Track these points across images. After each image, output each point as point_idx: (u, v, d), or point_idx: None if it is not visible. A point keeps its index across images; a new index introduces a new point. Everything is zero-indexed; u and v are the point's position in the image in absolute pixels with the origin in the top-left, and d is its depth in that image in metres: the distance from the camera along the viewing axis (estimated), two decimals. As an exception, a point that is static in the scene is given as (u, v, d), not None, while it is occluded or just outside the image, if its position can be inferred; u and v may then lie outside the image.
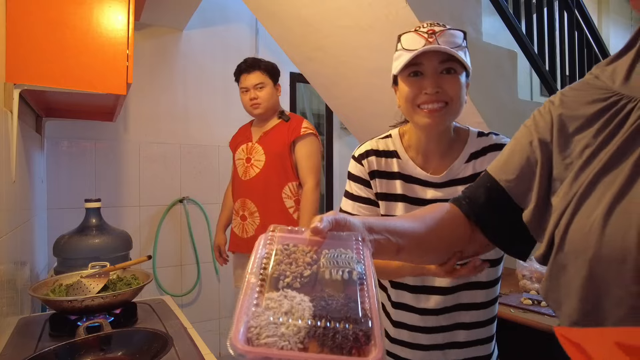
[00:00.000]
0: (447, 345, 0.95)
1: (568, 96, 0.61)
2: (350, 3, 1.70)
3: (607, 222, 0.48)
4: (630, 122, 0.52)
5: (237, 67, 2.04)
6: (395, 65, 0.88)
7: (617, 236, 0.47)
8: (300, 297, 0.40)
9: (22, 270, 1.37)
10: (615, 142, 0.52)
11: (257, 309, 0.38)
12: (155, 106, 2.50)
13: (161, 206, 2.51)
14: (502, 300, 1.56)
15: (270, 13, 2.04)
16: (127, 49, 1.34)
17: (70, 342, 0.96)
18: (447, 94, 0.85)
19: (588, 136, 0.56)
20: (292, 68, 2.75)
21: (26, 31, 1.22)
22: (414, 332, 0.96)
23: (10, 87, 1.20)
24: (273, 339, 0.36)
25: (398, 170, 0.95)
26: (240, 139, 2.11)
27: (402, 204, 0.93)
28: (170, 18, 2.44)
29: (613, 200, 0.49)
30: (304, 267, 0.43)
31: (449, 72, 0.86)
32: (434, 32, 0.83)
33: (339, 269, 0.43)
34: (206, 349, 1.06)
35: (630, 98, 0.53)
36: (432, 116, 0.85)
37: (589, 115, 0.56)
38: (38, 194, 1.85)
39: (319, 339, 0.36)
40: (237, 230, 2.04)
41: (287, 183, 1.98)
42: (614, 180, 0.50)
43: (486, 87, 1.79)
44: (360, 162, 0.97)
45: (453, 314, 0.93)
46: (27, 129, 1.54)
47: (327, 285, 0.42)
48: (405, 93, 0.88)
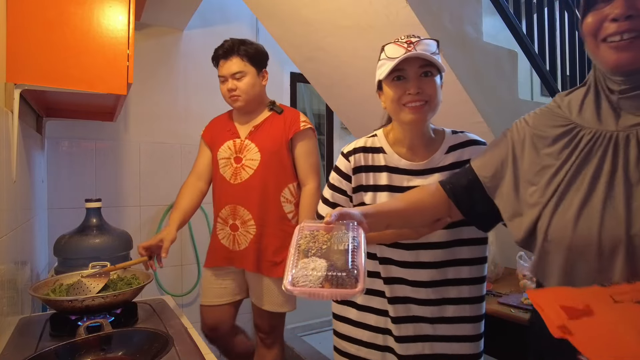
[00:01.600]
0: (437, 319, 1.07)
1: (537, 119, 0.81)
2: (350, 3, 1.70)
3: (577, 221, 0.68)
4: (582, 146, 0.71)
5: (214, 52, 1.75)
6: (380, 72, 1.03)
7: (584, 231, 0.67)
8: (320, 261, 0.69)
9: (22, 270, 1.37)
10: (573, 160, 0.71)
11: (296, 268, 0.69)
12: (155, 106, 2.50)
13: (161, 206, 2.51)
14: (503, 300, 1.55)
15: (271, 13, 2.04)
16: (128, 49, 1.34)
17: (71, 342, 0.96)
18: (427, 94, 1.00)
19: (553, 153, 0.74)
20: (293, 68, 2.75)
21: (27, 31, 1.22)
22: (407, 304, 1.08)
23: (10, 87, 1.21)
24: (305, 282, 0.66)
25: (385, 163, 1.10)
26: (221, 133, 1.79)
27: (386, 193, 1.08)
28: (171, 18, 2.43)
29: (580, 206, 0.68)
30: (322, 244, 0.73)
31: (427, 75, 1.01)
32: (412, 42, 0.99)
33: (342, 243, 0.72)
34: (206, 349, 1.06)
35: (582, 127, 0.72)
36: (415, 112, 1.01)
37: (554, 136, 0.75)
38: (38, 193, 1.85)
39: (330, 282, 0.66)
40: (226, 242, 1.75)
41: (287, 185, 1.73)
42: (578, 189, 0.69)
43: (486, 87, 1.79)
44: (347, 159, 1.13)
45: (441, 288, 1.07)
46: (27, 129, 1.54)
47: (335, 253, 0.70)
48: (391, 95, 1.03)
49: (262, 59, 1.76)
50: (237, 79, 1.69)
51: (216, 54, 1.74)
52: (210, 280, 1.79)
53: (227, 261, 1.75)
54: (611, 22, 0.63)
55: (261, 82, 1.76)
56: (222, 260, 1.76)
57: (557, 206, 0.71)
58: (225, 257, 1.75)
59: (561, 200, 0.71)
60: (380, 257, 1.12)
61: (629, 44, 0.62)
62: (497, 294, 1.64)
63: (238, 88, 1.69)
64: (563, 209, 0.70)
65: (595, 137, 0.69)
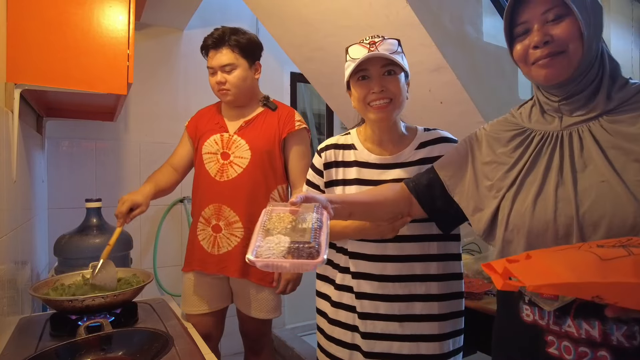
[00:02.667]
0: (404, 317, 1.07)
1: (494, 126, 0.93)
2: (350, 3, 1.69)
3: (534, 207, 0.77)
4: (533, 145, 0.82)
5: (203, 41, 1.62)
6: (346, 73, 1.07)
7: (541, 215, 0.76)
8: (285, 238, 0.72)
9: (22, 270, 1.37)
10: (527, 157, 0.82)
11: (261, 243, 0.71)
12: (156, 106, 2.50)
13: (162, 206, 2.51)
14: (503, 300, 1.56)
15: (271, 13, 2.04)
16: (128, 49, 1.34)
17: (71, 342, 0.96)
18: (391, 91, 1.04)
19: (507, 151, 0.86)
20: (293, 68, 2.75)
21: (27, 31, 1.22)
22: (374, 300, 1.08)
23: (11, 87, 1.21)
24: (268, 254, 0.69)
25: (355, 159, 1.15)
26: (207, 126, 1.66)
27: (355, 187, 1.12)
28: (171, 18, 2.43)
29: (535, 195, 0.78)
30: (287, 224, 0.76)
31: (390, 74, 1.05)
32: (374, 42, 1.03)
33: (306, 222, 0.76)
34: (206, 349, 1.06)
35: (532, 130, 0.84)
36: (380, 111, 1.05)
37: (508, 138, 0.87)
38: (39, 193, 1.85)
39: (293, 254, 0.68)
40: (205, 244, 1.61)
41: (276, 187, 1.62)
42: (533, 182, 0.79)
43: (487, 87, 1.79)
44: (320, 155, 1.20)
45: (409, 284, 1.08)
46: (27, 129, 1.54)
47: (299, 231, 0.74)
48: (357, 94, 1.08)
49: (255, 50, 1.62)
50: (227, 71, 1.56)
51: (205, 43, 1.61)
52: (191, 286, 1.65)
53: (202, 265, 1.61)
54: (534, 49, 0.78)
55: (253, 76, 1.63)
56: (198, 264, 1.62)
57: (515, 197, 0.81)
58: (201, 260, 1.61)
59: (519, 192, 0.81)
60: (350, 252, 1.13)
61: (550, 62, 0.77)
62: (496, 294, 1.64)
63: (228, 81, 1.56)
64: (521, 199, 0.80)
65: (544, 137, 0.82)
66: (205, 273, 1.63)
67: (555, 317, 0.75)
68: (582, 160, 0.75)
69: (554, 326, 0.75)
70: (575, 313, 0.73)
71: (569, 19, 0.75)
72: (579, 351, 0.72)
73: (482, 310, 1.51)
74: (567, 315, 0.74)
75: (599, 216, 0.70)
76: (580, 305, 0.72)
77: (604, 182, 0.71)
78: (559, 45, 0.76)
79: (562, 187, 0.76)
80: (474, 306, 1.53)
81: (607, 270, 0.55)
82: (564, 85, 0.79)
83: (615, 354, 0.69)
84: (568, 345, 0.74)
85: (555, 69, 0.77)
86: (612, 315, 0.63)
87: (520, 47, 0.81)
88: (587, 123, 0.77)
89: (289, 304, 2.86)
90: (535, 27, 0.78)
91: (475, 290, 1.60)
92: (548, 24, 0.77)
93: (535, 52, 0.78)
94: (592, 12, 0.76)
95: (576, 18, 0.74)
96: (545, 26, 0.77)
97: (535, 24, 0.78)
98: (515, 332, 0.83)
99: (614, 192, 0.70)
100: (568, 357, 0.73)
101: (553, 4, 0.76)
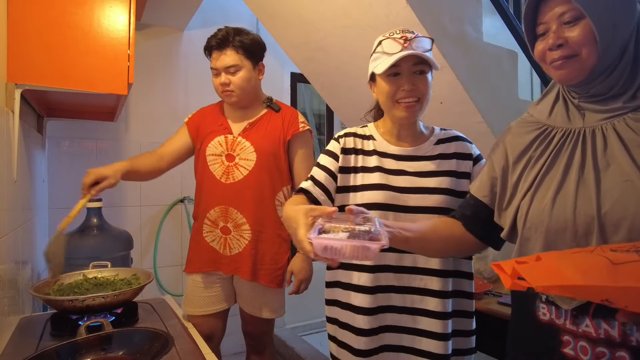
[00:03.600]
0: (418, 311, 1.09)
1: (514, 129, 0.92)
2: (350, 3, 1.70)
3: (553, 205, 0.76)
4: (554, 142, 0.82)
5: (207, 42, 1.60)
6: (375, 65, 1.06)
7: (560, 214, 0.75)
8: (344, 234, 0.72)
9: (23, 270, 1.37)
10: (547, 155, 0.82)
11: (320, 235, 0.72)
12: (156, 106, 2.51)
13: (162, 206, 2.51)
14: (502, 300, 1.56)
15: (271, 13, 2.04)
16: (128, 49, 1.34)
17: (72, 342, 0.96)
18: (420, 91, 1.05)
19: (529, 151, 0.85)
20: (293, 68, 2.75)
21: (28, 31, 1.22)
22: (391, 292, 1.10)
23: (11, 87, 1.21)
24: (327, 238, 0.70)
25: (374, 148, 1.15)
26: (211, 127, 1.65)
27: (378, 174, 1.11)
28: (171, 18, 2.44)
29: (555, 192, 0.77)
30: (344, 228, 0.74)
31: (421, 73, 1.06)
32: (407, 38, 1.03)
33: (363, 227, 0.75)
34: (207, 349, 1.06)
35: (553, 127, 0.84)
36: (408, 110, 1.06)
37: (529, 140, 0.86)
38: (39, 193, 1.85)
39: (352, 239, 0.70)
40: (216, 245, 1.61)
41: (281, 188, 1.62)
42: (553, 178, 0.79)
43: (487, 87, 1.79)
44: (338, 140, 1.18)
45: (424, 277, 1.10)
46: (28, 129, 1.54)
47: (357, 233, 0.73)
48: (386, 90, 1.07)
49: (259, 51, 1.62)
50: (232, 73, 1.55)
51: (209, 44, 1.59)
52: (197, 287, 1.65)
53: (215, 265, 1.61)
54: (549, 51, 0.79)
55: (257, 77, 1.63)
56: (210, 264, 1.62)
57: (534, 194, 0.80)
58: (214, 261, 1.61)
59: (537, 190, 0.80)
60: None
61: (564, 64, 0.77)
62: (497, 294, 1.64)
63: (232, 83, 1.56)
64: (540, 196, 0.79)
65: (565, 134, 0.81)
66: (211, 274, 1.63)
67: (572, 317, 0.74)
68: (605, 159, 0.74)
69: (571, 326, 0.74)
70: (594, 313, 0.71)
71: (584, 22, 0.74)
72: (597, 351, 0.71)
73: (483, 310, 1.51)
74: (585, 314, 0.72)
75: (620, 216, 0.69)
76: (600, 304, 0.69)
77: (627, 181, 0.70)
78: (571, 49, 0.75)
79: (583, 185, 0.74)
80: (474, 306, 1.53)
81: (618, 275, 0.54)
82: (583, 85, 0.78)
83: (634, 355, 0.68)
84: (585, 345, 0.72)
85: (568, 72, 0.77)
86: (623, 320, 0.62)
87: (540, 47, 0.80)
88: (612, 121, 0.76)
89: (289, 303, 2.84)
90: (552, 28, 0.77)
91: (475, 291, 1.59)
92: (564, 26, 0.76)
93: (552, 53, 0.78)
94: (616, 11, 0.74)
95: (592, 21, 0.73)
96: (561, 28, 0.76)
97: (552, 25, 0.77)
98: (530, 331, 0.82)
99: (637, 192, 0.68)
100: (584, 358, 0.72)
101: (570, 6, 0.75)
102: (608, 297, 0.55)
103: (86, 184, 1.39)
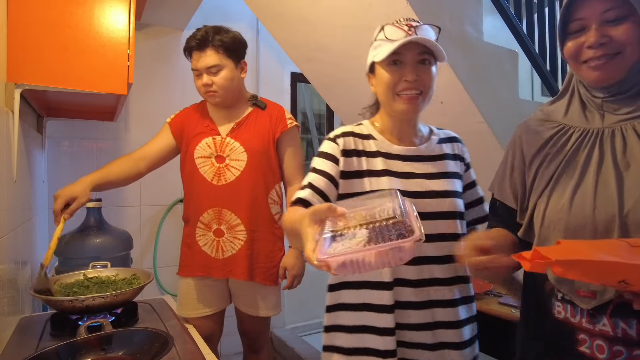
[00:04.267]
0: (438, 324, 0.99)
1: (530, 126, 0.90)
2: (351, 3, 1.69)
3: (571, 204, 0.76)
4: (572, 141, 0.81)
5: (186, 43, 1.55)
6: (375, 53, 0.97)
7: (579, 212, 0.75)
8: (362, 230, 0.57)
9: (23, 270, 1.37)
10: (564, 153, 0.81)
11: (331, 245, 0.57)
12: (156, 106, 2.50)
13: (162, 206, 2.51)
14: (503, 300, 1.55)
15: (271, 13, 2.04)
16: (128, 49, 1.34)
17: (71, 342, 0.96)
18: (423, 83, 0.96)
19: (545, 150, 0.84)
20: (293, 68, 2.75)
21: (27, 31, 1.22)
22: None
23: (11, 87, 1.21)
24: (342, 249, 0.53)
25: (377, 149, 1.03)
26: (196, 129, 1.62)
27: (387, 178, 1.00)
28: (171, 18, 2.43)
29: (573, 191, 0.77)
30: (362, 219, 0.61)
31: (424, 63, 0.96)
32: (412, 25, 0.94)
33: (385, 211, 0.61)
34: (207, 349, 1.06)
35: (570, 126, 0.82)
36: (409, 103, 0.97)
37: (546, 138, 0.85)
38: (39, 193, 1.85)
39: (375, 240, 0.54)
40: (207, 249, 1.58)
41: (274, 185, 1.62)
42: (570, 178, 0.78)
43: (487, 87, 1.79)
44: (335, 141, 1.04)
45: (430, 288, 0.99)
46: (28, 129, 1.54)
47: (378, 222, 0.59)
48: (386, 80, 0.97)
49: (240, 49, 1.59)
50: (213, 73, 1.53)
51: (188, 45, 1.55)
52: (191, 290, 1.63)
53: (206, 270, 1.59)
54: (587, 48, 0.75)
55: (240, 75, 1.60)
56: (202, 269, 1.60)
57: (551, 193, 0.80)
58: (205, 265, 1.59)
59: (554, 189, 0.80)
60: None
61: (604, 65, 0.74)
62: (498, 294, 1.64)
63: (214, 83, 1.53)
64: (557, 195, 0.79)
65: (583, 133, 0.80)
66: (204, 277, 1.61)
67: (589, 316, 0.74)
68: (625, 159, 0.74)
69: (587, 324, 0.74)
70: (612, 312, 0.71)
71: (630, 21, 0.72)
72: (614, 350, 0.70)
73: (482, 310, 1.51)
74: (603, 314, 0.72)
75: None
76: (618, 304, 0.71)
77: None
78: (615, 47, 0.73)
79: (602, 185, 0.74)
80: (475, 306, 1.53)
81: (636, 254, 0.55)
82: (612, 85, 0.77)
83: None
84: (601, 344, 0.72)
85: (608, 72, 0.75)
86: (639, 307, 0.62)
87: (573, 44, 0.77)
88: (632, 121, 0.75)
89: (289, 303, 2.85)
90: (592, 26, 0.74)
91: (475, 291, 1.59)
92: (606, 24, 0.73)
93: (589, 51, 0.75)
94: None
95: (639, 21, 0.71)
96: (604, 26, 0.73)
97: (592, 22, 0.74)
98: (545, 328, 0.82)
99: None
100: (601, 356, 0.72)
101: (615, 3, 0.72)
102: (625, 277, 0.56)
103: (57, 210, 1.38)
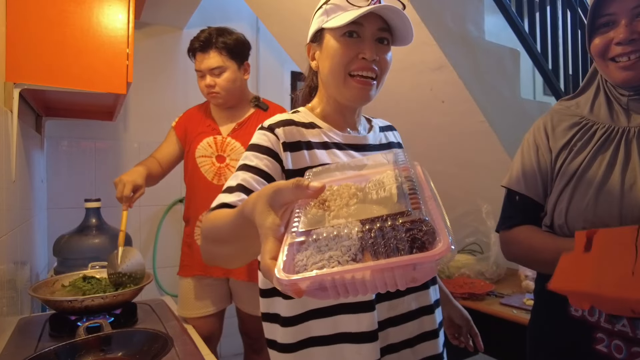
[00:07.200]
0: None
1: (554, 118, 0.87)
2: (351, 2, 1.68)
3: (596, 203, 0.74)
4: (596, 138, 0.79)
5: (190, 44, 1.59)
6: (327, 19, 0.80)
7: (604, 211, 0.73)
8: (347, 221, 0.38)
9: (22, 270, 1.36)
10: (588, 150, 0.78)
11: (303, 245, 0.37)
12: (155, 105, 2.49)
13: (161, 206, 2.50)
14: (505, 301, 1.55)
15: (271, 11, 2.03)
16: (127, 48, 1.33)
17: (71, 343, 0.96)
18: (381, 65, 0.80)
19: (569, 145, 0.82)
20: (293, 67, 2.74)
21: (26, 30, 1.22)
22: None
23: (10, 86, 1.20)
24: (320, 264, 0.33)
25: (326, 139, 0.84)
26: (198, 128, 1.64)
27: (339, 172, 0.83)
28: (171, 17, 2.43)
29: (597, 191, 0.75)
30: (349, 198, 0.42)
31: (383, 42, 0.80)
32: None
33: (385, 187, 0.41)
34: (206, 350, 1.05)
35: (595, 122, 0.80)
36: (363, 88, 0.79)
37: (572, 133, 0.83)
38: (38, 193, 1.85)
39: (371, 250, 0.34)
40: None
41: None
42: (594, 176, 0.76)
43: (488, 86, 1.78)
44: (274, 132, 0.81)
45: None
46: (27, 129, 1.53)
47: (378, 202, 0.39)
48: (338, 53, 0.79)
49: (243, 51, 1.60)
50: (216, 74, 1.55)
51: (192, 46, 1.58)
52: (191, 290, 1.63)
53: (206, 270, 1.59)
54: (616, 45, 0.72)
55: (242, 77, 1.61)
56: (202, 269, 1.60)
57: (574, 191, 0.77)
58: (205, 264, 1.56)
59: (577, 186, 0.77)
60: None
61: (634, 64, 0.71)
62: (499, 295, 1.63)
63: (217, 84, 1.55)
64: (580, 193, 0.76)
65: (608, 131, 0.77)
66: (204, 277, 1.61)
67: (608, 316, 0.73)
68: None
69: (606, 324, 0.73)
70: None
71: None
72: (632, 350, 0.70)
73: (484, 311, 1.50)
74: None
75: None
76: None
77: None
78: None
79: (629, 184, 0.72)
80: (476, 307, 1.52)
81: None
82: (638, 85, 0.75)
83: None
84: (619, 343, 0.71)
85: (637, 72, 0.72)
86: None
87: (600, 40, 0.75)
88: None
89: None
90: (622, 22, 0.72)
91: (477, 292, 1.59)
92: (637, 20, 0.71)
93: (617, 48, 0.72)
94: None
95: None
96: (635, 22, 0.71)
97: (623, 18, 0.72)
98: (560, 327, 0.81)
99: None
100: (618, 356, 0.71)
101: None
102: (633, 307, 0.55)
103: (127, 196, 1.42)
